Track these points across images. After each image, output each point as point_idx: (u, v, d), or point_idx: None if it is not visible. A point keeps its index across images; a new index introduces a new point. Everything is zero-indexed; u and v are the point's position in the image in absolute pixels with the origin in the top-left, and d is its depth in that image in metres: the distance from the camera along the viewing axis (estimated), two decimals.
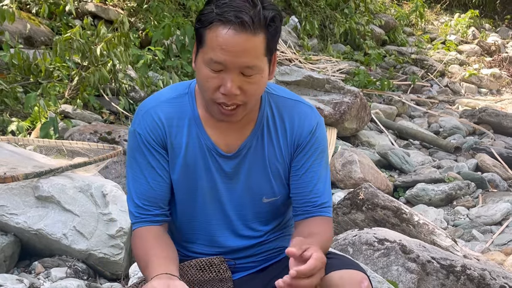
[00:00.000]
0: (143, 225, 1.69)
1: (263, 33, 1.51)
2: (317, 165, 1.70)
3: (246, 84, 1.53)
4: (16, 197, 2.87)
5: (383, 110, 7.67)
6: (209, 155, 1.67)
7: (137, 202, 1.69)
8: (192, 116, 1.67)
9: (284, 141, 1.69)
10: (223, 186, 1.70)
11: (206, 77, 1.54)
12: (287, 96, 1.74)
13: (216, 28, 1.50)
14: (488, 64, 11.41)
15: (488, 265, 2.92)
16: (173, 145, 1.67)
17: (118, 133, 4.29)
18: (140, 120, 1.67)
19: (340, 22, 10.16)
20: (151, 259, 1.57)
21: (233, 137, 1.68)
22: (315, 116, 1.72)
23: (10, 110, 4.76)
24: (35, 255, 2.93)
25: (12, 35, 5.60)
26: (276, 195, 1.73)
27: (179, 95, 1.69)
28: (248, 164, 1.69)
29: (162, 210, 1.71)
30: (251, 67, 1.52)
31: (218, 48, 1.49)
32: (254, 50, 1.51)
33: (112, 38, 5.15)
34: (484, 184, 5.40)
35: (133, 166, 1.69)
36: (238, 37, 1.48)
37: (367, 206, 3.33)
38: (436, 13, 14.21)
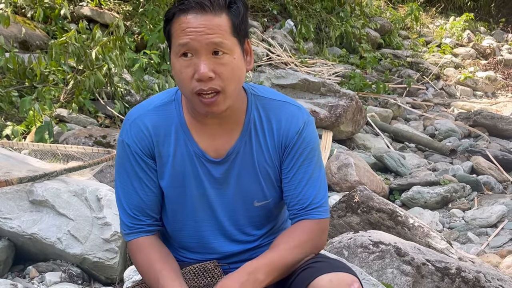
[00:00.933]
0: (139, 236, 1.70)
1: (225, 14, 1.53)
2: (306, 165, 1.68)
3: (218, 66, 1.52)
4: (10, 201, 2.85)
5: (379, 113, 7.69)
6: (198, 162, 1.67)
7: (129, 212, 1.69)
8: (178, 123, 1.66)
9: (272, 143, 1.68)
10: (213, 192, 1.69)
11: (179, 68, 1.54)
12: (274, 97, 1.72)
13: (178, 17, 1.53)
14: (483, 67, 11.45)
15: (483, 267, 2.92)
16: (161, 154, 1.67)
17: (113, 137, 4.28)
18: (128, 130, 1.67)
19: (336, 25, 10.19)
20: (161, 274, 1.61)
21: (221, 142, 1.67)
22: (303, 116, 1.69)
23: (5, 114, 4.75)
24: (29, 259, 2.92)
25: (7, 39, 5.59)
26: (267, 198, 1.72)
27: (166, 102, 1.68)
28: (238, 168, 1.68)
29: (153, 220, 1.72)
30: (218, 43, 1.51)
31: (182, 34, 1.52)
32: (217, 27, 1.51)
33: (107, 42, 5.15)
34: (480, 186, 5.41)
35: (122, 176, 1.70)
36: (199, 18, 1.51)
37: (362, 209, 3.34)
38: (431, 16, 14.25)
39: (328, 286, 1.53)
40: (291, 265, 1.62)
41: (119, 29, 5.41)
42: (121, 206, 1.71)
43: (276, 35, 9.31)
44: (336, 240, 2.95)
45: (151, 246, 1.68)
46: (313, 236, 1.67)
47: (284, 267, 1.61)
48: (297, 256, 1.63)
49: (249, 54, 1.62)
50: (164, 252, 1.69)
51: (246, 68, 1.61)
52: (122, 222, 1.72)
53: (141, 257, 1.68)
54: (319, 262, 1.62)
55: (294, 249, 1.63)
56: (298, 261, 1.64)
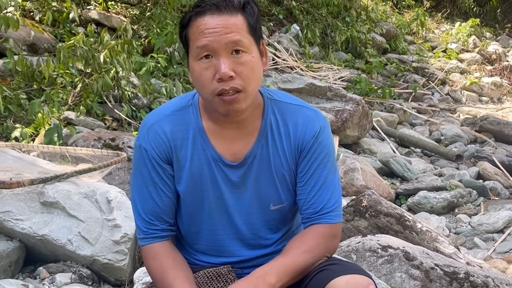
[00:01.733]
0: (153, 241, 1.70)
1: (240, 14, 1.55)
2: (321, 169, 1.68)
3: (238, 65, 1.53)
4: (21, 202, 2.88)
5: (385, 118, 7.69)
6: (215, 166, 1.67)
7: (144, 217, 1.70)
8: (196, 127, 1.67)
9: (288, 146, 1.68)
10: (230, 196, 1.70)
11: (199, 71, 1.55)
12: (290, 101, 1.73)
13: (194, 21, 1.55)
14: (489, 73, 11.45)
15: (491, 272, 2.92)
16: (178, 158, 1.67)
17: (122, 139, 4.30)
18: (145, 135, 1.68)
19: (342, 30, 10.21)
20: (175, 282, 1.61)
21: (238, 146, 1.67)
22: (319, 120, 1.70)
23: (13, 116, 4.77)
24: (40, 260, 2.94)
25: (16, 42, 5.63)
26: (283, 202, 1.72)
27: (183, 107, 1.70)
28: (255, 172, 1.68)
29: (168, 225, 1.73)
30: (237, 42, 1.53)
31: (201, 35, 1.53)
32: (235, 26, 1.53)
33: (115, 46, 5.18)
34: (486, 192, 5.41)
35: (138, 181, 1.71)
36: (216, 18, 1.53)
37: (370, 213, 3.34)
38: (437, 21, 14.26)
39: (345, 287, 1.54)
40: (303, 269, 1.62)
41: (127, 32, 5.43)
42: (136, 210, 1.72)
43: (282, 39, 9.34)
44: (344, 244, 2.96)
45: (165, 252, 1.69)
46: (324, 240, 1.67)
47: (295, 271, 1.61)
48: (308, 261, 1.63)
49: (264, 55, 1.64)
50: (178, 259, 1.70)
51: (263, 69, 1.63)
52: (137, 227, 1.73)
53: (154, 264, 1.68)
54: (335, 264, 1.63)
55: (305, 254, 1.63)
56: (309, 265, 1.64)
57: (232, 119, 1.63)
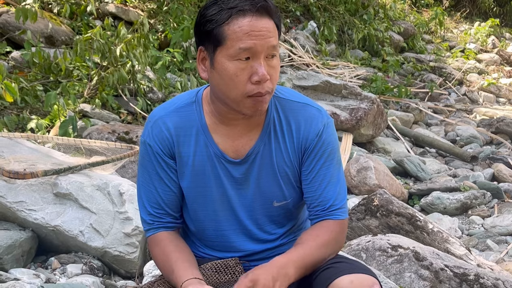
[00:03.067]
0: (157, 231, 1.73)
1: (273, 21, 1.57)
2: (326, 167, 1.70)
3: (270, 69, 1.56)
4: (35, 193, 2.91)
5: (400, 117, 7.65)
6: (218, 162, 1.69)
7: (149, 210, 1.73)
8: (199, 124, 1.68)
9: (291, 145, 1.70)
10: (233, 192, 1.71)
11: (235, 71, 1.54)
12: (294, 99, 1.73)
13: (235, 20, 1.53)
14: (507, 74, 11.33)
15: (502, 274, 2.90)
16: (181, 154, 1.69)
17: (135, 133, 4.33)
18: (150, 130, 1.70)
19: (359, 28, 10.16)
20: (176, 264, 1.63)
21: (240, 143, 1.69)
22: (322, 118, 1.71)
23: (30, 108, 4.83)
24: (51, 251, 2.97)
25: (34, 34, 5.68)
26: (286, 198, 1.74)
27: (187, 104, 1.71)
28: (257, 169, 1.70)
29: (172, 218, 1.75)
30: (275, 46, 1.56)
31: (245, 36, 1.52)
32: (274, 31, 1.56)
33: (131, 39, 5.21)
34: (500, 194, 5.36)
35: (144, 175, 1.74)
36: (261, 21, 1.53)
37: (381, 213, 3.33)
38: (456, 21, 14.14)
39: (349, 287, 1.54)
40: (317, 262, 1.65)
41: (144, 26, 5.45)
42: (141, 203, 1.75)
43: (299, 36, 9.32)
44: (354, 242, 2.95)
45: (168, 239, 1.72)
46: (335, 235, 1.70)
47: (311, 264, 1.63)
48: (323, 255, 1.66)
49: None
50: (180, 244, 1.72)
51: None
52: (142, 219, 1.76)
53: (157, 250, 1.71)
54: (340, 262, 1.64)
55: (321, 248, 1.66)
56: (323, 259, 1.66)
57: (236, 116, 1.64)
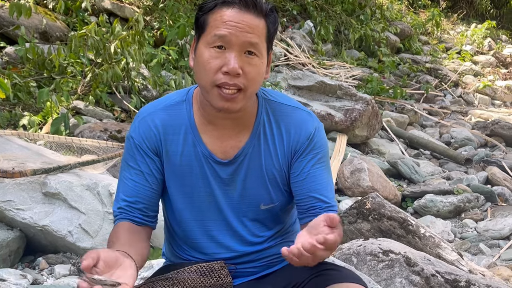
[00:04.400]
0: (122, 221, 1.68)
1: (264, 19, 1.56)
2: (317, 169, 1.68)
3: (247, 65, 1.54)
4: (23, 192, 2.88)
5: (395, 118, 7.64)
6: (205, 162, 1.67)
7: (121, 204, 1.69)
8: (188, 123, 1.67)
9: (281, 148, 1.68)
10: (220, 193, 1.69)
11: (208, 58, 1.54)
12: (285, 102, 1.73)
13: (219, 9, 1.54)
14: (503, 76, 11.34)
15: (493, 281, 2.89)
16: (168, 153, 1.67)
17: (128, 131, 4.30)
18: (137, 126, 1.68)
19: (355, 28, 10.15)
20: (116, 245, 1.56)
21: (229, 144, 1.67)
22: (313, 122, 1.70)
23: (22, 104, 4.79)
24: (39, 251, 2.94)
25: (28, 29, 5.64)
26: (274, 201, 1.72)
27: (177, 102, 1.69)
28: (245, 170, 1.68)
29: (143, 215, 1.69)
30: (254, 44, 1.53)
31: (222, 25, 1.52)
32: (257, 28, 1.54)
33: (126, 36, 5.18)
34: (494, 197, 5.36)
35: (125, 169, 1.70)
36: (242, 14, 1.53)
37: (373, 216, 3.32)
38: (453, 22, 14.14)
39: None
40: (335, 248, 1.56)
41: (139, 23, 5.42)
42: (117, 197, 1.71)
43: (295, 35, 9.30)
44: (345, 246, 2.93)
45: (126, 227, 1.66)
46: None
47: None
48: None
49: (268, 64, 1.65)
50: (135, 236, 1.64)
51: (264, 77, 1.63)
52: (113, 211, 1.72)
53: (110, 235, 1.66)
54: (331, 270, 1.62)
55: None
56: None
57: (224, 115, 1.62)
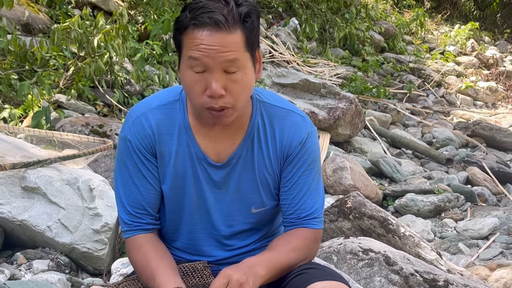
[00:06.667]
0: (137, 233, 1.68)
1: (239, 30, 1.48)
2: (306, 176, 1.68)
3: (230, 83, 1.50)
4: (2, 186, 2.84)
5: (378, 117, 7.68)
6: (198, 164, 1.65)
7: (129, 210, 1.67)
8: (182, 124, 1.65)
9: (274, 151, 1.67)
10: (211, 196, 1.68)
11: (190, 82, 1.51)
12: (280, 104, 1.70)
13: (191, 32, 1.48)
14: (485, 77, 11.45)
15: (471, 281, 2.92)
16: (162, 153, 1.65)
17: (110, 126, 4.27)
18: (131, 126, 1.65)
19: (340, 26, 10.17)
20: (158, 271, 1.58)
21: (223, 146, 1.65)
22: (306, 127, 1.69)
23: (3, 97, 4.73)
24: (18, 245, 2.91)
25: (10, 21, 5.57)
26: (265, 205, 1.72)
27: (170, 102, 1.66)
28: (238, 173, 1.67)
29: (152, 218, 1.70)
30: (232, 61, 1.48)
31: (195, 47, 1.47)
32: (232, 45, 1.47)
33: (110, 30, 5.13)
34: (473, 197, 5.42)
35: (124, 173, 1.67)
36: (214, 36, 1.46)
37: (354, 215, 3.33)
38: (437, 23, 14.24)
39: None
40: (286, 267, 1.63)
41: (123, 17, 5.37)
42: (120, 203, 1.69)
43: (280, 32, 9.29)
44: (326, 244, 2.95)
45: (148, 243, 1.66)
46: (308, 243, 1.69)
47: (281, 268, 1.62)
48: (292, 260, 1.65)
49: (258, 61, 1.60)
50: (161, 249, 1.67)
51: (255, 77, 1.59)
52: (121, 220, 1.70)
53: (137, 255, 1.66)
54: (312, 268, 1.63)
55: (290, 252, 1.65)
56: (293, 265, 1.65)
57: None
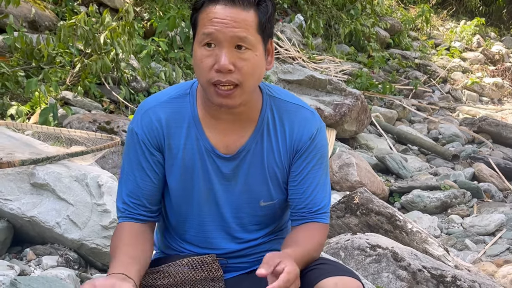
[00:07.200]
0: (126, 220, 1.70)
1: (253, 10, 1.53)
2: (316, 171, 1.70)
3: (239, 60, 1.52)
4: (11, 183, 2.85)
5: (384, 113, 7.68)
6: (207, 157, 1.66)
7: (124, 198, 1.70)
8: (191, 117, 1.66)
9: (283, 146, 1.68)
10: (220, 188, 1.69)
11: (201, 57, 1.54)
12: (289, 100, 1.72)
13: (206, 8, 1.53)
14: (491, 73, 11.41)
15: (479, 277, 2.92)
16: (171, 146, 1.66)
17: (117, 123, 4.28)
18: (139, 119, 1.67)
19: (346, 22, 10.15)
20: (117, 256, 1.57)
21: (232, 139, 1.66)
22: (316, 122, 1.70)
23: (10, 93, 4.74)
24: (27, 241, 2.92)
25: (17, 18, 5.58)
26: (273, 199, 1.72)
27: (180, 95, 1.68)
28: (247, 166, 1.68)
29: (146, 210, 1.70)
30: (242, 38, 1.51)
31: (208, 23, 1.52)
32: (244, 22, 1.52)
33: (116, 27, 5.14)
34: (480, 193, 5.41)
35: (126, 164, 1.71)
36: (228, 10, 1.51)
37: (361, 211, 3.34)
38: (442, 19, 14.19)
39: None
40: (310, 263, 1.65)
41: (129, 14, 5.38)
42: (119, 192, 1.72)
43: (285, 29, 9.28)
44: (333, 240, 2.95)
45: (130, 230, 1.66)
46: (324, 238, 1.73)
47: (308, 262, 1.63)
48: (316, 255, 1.68)
49: (270, 54, 1.63)
50: (139, 239, 1.65)
51: (266, 68, 1.61)
52: (117, 207, 1.73)
53: (115, 238, 1.66)
54: (324, 264, 1.63)
55: (317, 248, 1.69)
56: (314, 260, 1.66)
57: (227, 110, 1.62)
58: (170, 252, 1.82)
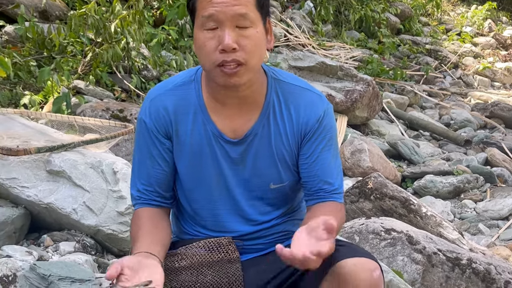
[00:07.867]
0: (142, 206, 1.73)
1: None
2: (326, 152, 1.70)
3: (242, 38, 1.53)
4: (28, 170, 2.88)
5: (395, 99, 7.64)
6: (215, 142, 1.68)
7: (138, 186, 1.74)
8: (197, 103, 1.68)
9: (290, 129, 1.69)
10: (230, 172, 1.70)
11: (203, 41, 1.55)
12: (295, 82, 1.73)
13: None
14: (503, 58, 11.32)
15: (494, 259, 2.92)
16: (178, 133, 1.68)
17: (130, 111, 4.30)
18: (147, 108, 1.70)
19: (356, 8, 10.09)
20: (140, 237, 1.62)
21: (238, 123, 1.68)
22: (323, 104, 1.71)
23: (23, 83, 4.77)
24: (44, 228, 2.95)
25: (28, 8, 5.60)
26: (283, 181, 1.73)
27: (185, 82, 1.70)
28: (255, 150, 1.69)
29: (159, 196, 1.74)
30: (243, 15, 1.53)
31: (208, 5, 1.53)
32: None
33: (126, 16, 5.14)
34: (493, 178, 5.39)
35: (138, 151, 1.74)
36: None
37: (375, 196, 3.34)
38: (453, 3, 14.07)
39: (352, 270, 1.54)
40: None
41: (139, 3, 5.38)
42: (133, 180, 1.76)
43: (295, 16, 9.25)
44: (348, 225, 2.96)
45: (148, 216, 1.70)
46: (344, 216, 1.76)
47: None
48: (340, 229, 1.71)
49: (269, 33, 1.64)
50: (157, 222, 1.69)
51: (267, 47, 1.62)
52: (131, 194, 1.77)
53: (134, 224, 1.70)
54: (342, 246, 1.63)
55: (342, 222, 1.71)
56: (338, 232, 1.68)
57: (232, 93, 1.63)
58: (185, 237, 1.83)
